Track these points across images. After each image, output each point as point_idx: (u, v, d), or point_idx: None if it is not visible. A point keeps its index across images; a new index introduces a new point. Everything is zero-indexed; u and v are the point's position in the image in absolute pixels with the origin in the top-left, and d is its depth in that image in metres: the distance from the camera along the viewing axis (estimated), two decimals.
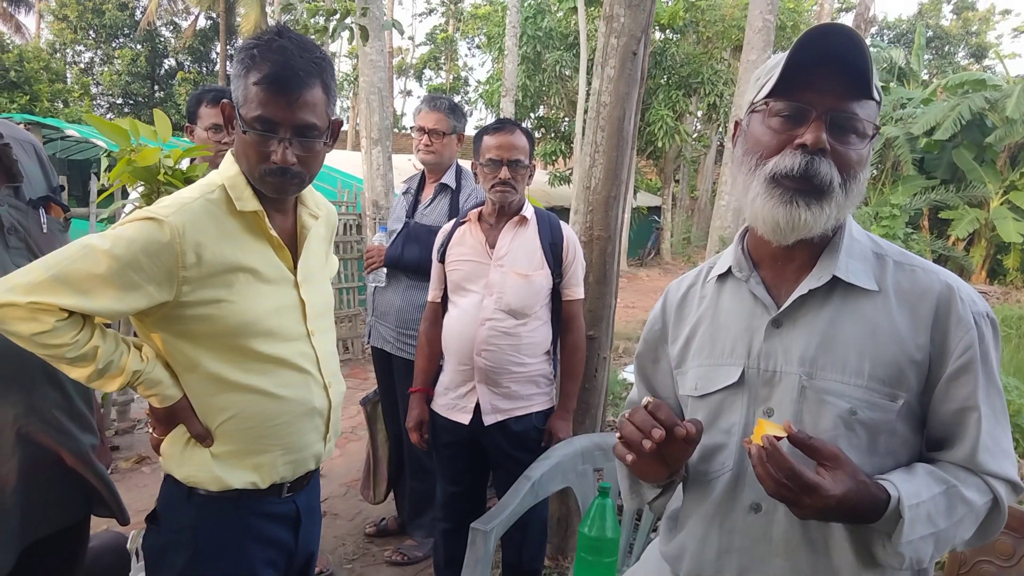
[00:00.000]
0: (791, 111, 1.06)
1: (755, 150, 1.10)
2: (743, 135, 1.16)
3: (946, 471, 1.04)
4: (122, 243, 1.22)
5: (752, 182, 1.10)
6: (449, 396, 2.31)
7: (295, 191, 1.40)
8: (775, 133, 1.08)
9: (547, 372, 2.32)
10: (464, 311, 2.27)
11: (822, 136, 1.03)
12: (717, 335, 1.21)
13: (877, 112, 1.08)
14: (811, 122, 1.04)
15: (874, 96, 1.04)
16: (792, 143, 1.05)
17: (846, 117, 1.05)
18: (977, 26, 32.72)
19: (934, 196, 15.65)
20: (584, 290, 2.37)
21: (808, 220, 1.05)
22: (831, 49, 1.02)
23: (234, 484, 1.37)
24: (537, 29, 14.70)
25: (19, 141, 1.50)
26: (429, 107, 2.81)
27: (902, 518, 0.96)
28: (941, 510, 1.00)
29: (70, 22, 25.81)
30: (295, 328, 1.42)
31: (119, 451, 4.08)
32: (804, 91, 1.05)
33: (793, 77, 1.05)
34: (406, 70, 36.89)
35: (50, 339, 1.19)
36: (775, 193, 1.06)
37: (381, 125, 6.31)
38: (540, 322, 2.26)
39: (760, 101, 1.10)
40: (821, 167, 1.04)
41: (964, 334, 1.05)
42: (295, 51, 1.29)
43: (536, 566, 2.38)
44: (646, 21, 2.62)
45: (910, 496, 0.97)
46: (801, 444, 0.97)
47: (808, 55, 1.03)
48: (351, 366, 6.46)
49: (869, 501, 0.97)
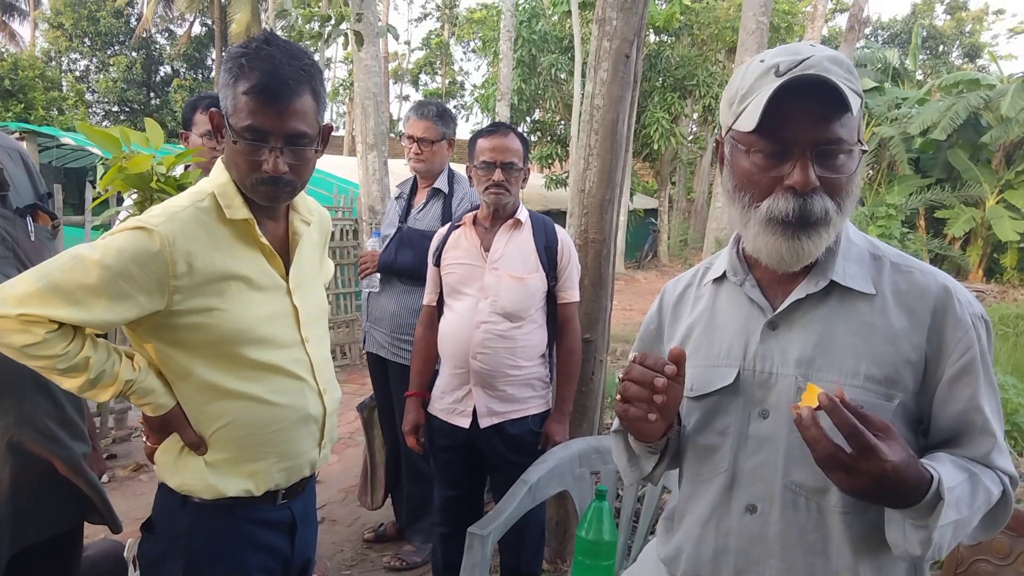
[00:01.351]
0: (773, 151, 1.05)
1: (744, 187, 1.09)
2: (728, 165, 1.14)
3: (964, 461, 1.04)
4: (112, 253, 1.21)
5: (749, 220, 1.09)
6: (446, 400, 2.31)
7: (287, 199, 1.39)
8: (761, 171, 1.06)
9: (543, 375, 2.32)
10: (459, 314, 2.27)
11: (810, 176, 1.02)
12: (713, 337, 1.21)
13: (860, 113, 1.06)
14: (796, 160, 1.03)
15: (852, 110, 1.01)
16: (781, 183, 1.04)
17: (831, 148, 1.03)
18: (971, 26, 32.84)
19: (930, 196, 15.69)
20: (580, 293, 2.38)
21: (811, 249, 1.06)
22: (806, 75, 1.00)
23: (229, 492, 1.36)
24: (532, 33, 14.74)
25: (5, 149, 1.49)
26: (417, 115, 2.81)
27: (942, 500, 0.94)
28: (966, 497, 0.99)
29: (65, 30, 25.84)
30: (289, 335, 1.41)
31: (117, 459, 4.07)
32: (784, 126, 1.02)
33: (774, 112, 1.02)
34: (402, 75, 36.92)
35: (41, 351, 1.18)
36: (776, 230, 1.06)
37: (377, 130, 6.31)
38: (535, 325, 2.27)
39: (740, 133, 1.08)
40: (815, 206, 1.03)
41: (963, 335, 1.05)
42: (283, 59, 1.28)
43: (534, 570, 2.37)
44: (638, 24, 2.62)
45: (948, 479, 0.96)
46: (853, 411, 0.93)
47: (784, 87, 1.01)
48: (349, 371, 6.45)
49: (916, 477, 0.94)
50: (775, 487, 1.09)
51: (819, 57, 1.02)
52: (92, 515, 1.58)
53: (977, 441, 1.05)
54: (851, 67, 1.06)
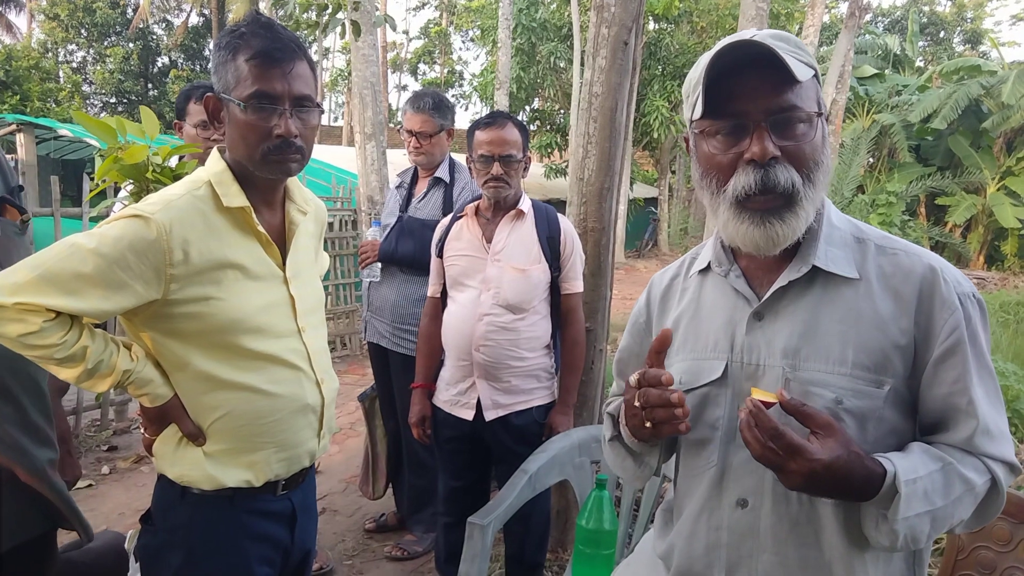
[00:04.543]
0: (728, 128, 1.05)
1: (709, 172, 1.09)
2: (694, 156, 1.14)
3: (942, 451, 1.03)
4: (108, 241, 1.20)
5: (719, 207, 1.09)
6: (451, 392, 2.30)
7: (296, 169, 1.38)
8: (721, 152, 1.07)
9: (547, 366, 2.31)
10: (462, 306, 2.26)
11: (767, 146, 1.01)
12: (700, 329, 1.20)
13: (817, 83, 1.06)
14: (751, 134, 1.03)
15: (801, 79, 1.00)
16: (742, 159, 1.04)
17: (785, 116, 1.03)
18: (972, 12, 32.66)
19: (931, 183, 15.67)
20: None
21: (786, 232, 1.05)
22: (743, 53, 1.01)
23: (228, 483, 1.35)
24: (531, 21, 14.67)
25: None
26: (413, 109, 2.79)
27: (899, 493, 0.95)
28: (938, 488, 0.98)
29: (61, 21, 25.68)
30: (285, 324, 1.41)
31: (117, 451, 4.08)
32: (733, 102, 1.03)
33: (718, 92, 1.03)
34: (400, 64, 36.77)
35: (38, 340, 1.18)
36: (745, 217, 1.05)
37: (375, 120, 6.29)
38: (539, 316, 2.25)
39: (695, 122, 1.09)
40: (778, 176, 1.02)
41: (949, 315, 1.03)
42: (279, 27, 1.32)
43: (539, 559, 2.38)
44: (637, 10, 2.60)
45: (906, 472, 0.96)
46: (794, 411, 0.97)
47: (723, 66, 1.02)
48: (349, 362, 6.45)
49: (862, 473, 0.96)
50: (766, 481, 1.08)
51: (762, 35, 1.03)
52: (63, 522, 1.54)
53: (961, 425, 1.03)
54: (799, 43, 1.07)
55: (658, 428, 1.06)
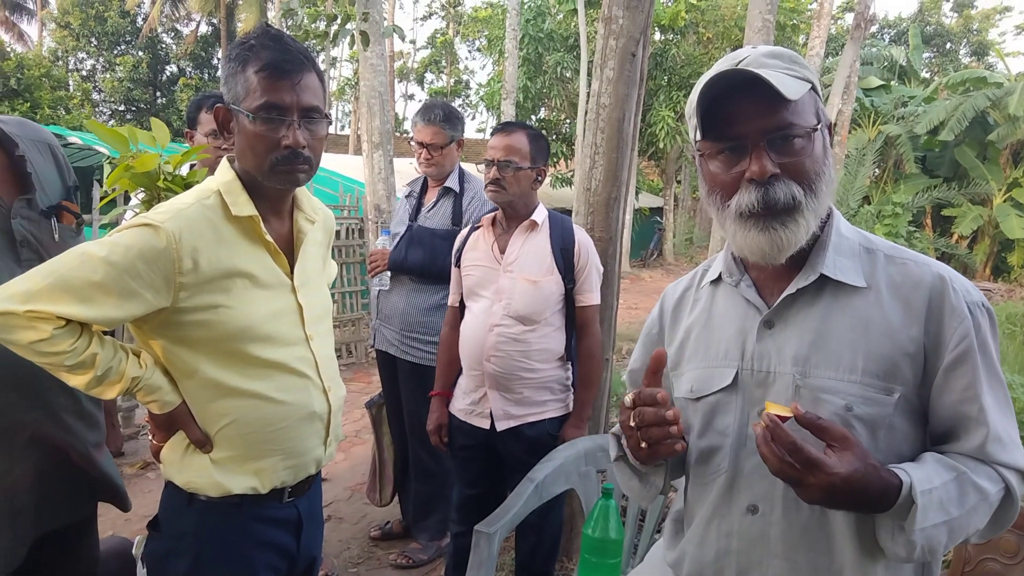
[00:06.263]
0: (727, 149, 1.08)
1: (714, 190, 1.12)
2: (700, 175, 1.18)
3: (955, 460, 1.03)
4: (119, 250, 1.22)
5: (725, 221, 1.12)
6: (466, 400, 2.30)
7: (304, 179, 1.39)
8: (724, 171, 1.10)
9: (562, 378, 2.27)
10: (475, 316, 2.26)
11: (766, 165, 1.04)
12: (711, 338, 1.21)
13: (815, 95, 1.09)
14: (750, 153, 1.05)
15: (792, 97, 1.01)
16: (743, 178, 1.07)
17: (782, 134, 1.05)
18: (979, 24, 32.67)
19: (937, 194, 15.63)
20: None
21: (790, 238, 1.06)
22: (733, 77, 1.04)
23: (234, 489, 1.36)
24: (538, 31, 14.71)
25: (35, 142, 1.51)
26: (424, 121, 2.79)
27: (915, 504, 0.94)
28: (953, 497, 0.98)
29: (72, 29, 25.92)
30: (293, 332, 1.41)
31: (124, 457, 4.08)
32: (730, 125, 1.06)
33: (715, 115, 1.07)
34: (407, 74, 36.94)
35: (48, 347, 1.19)
36: (749, 224, 1.08)
37: (382, 129, 6.32)
38: (552, 328, 2.23)
39: (697, 144, 1.12)
40: (778, 193, 1.05)
41: (959, 324, 1.04)
42: (288, 40, 1.33)
43: (548, 568, 2.35)
44: (644, 22, 2.62)
45: (922, 482, 0.96)
46: (809, 424, 0.97)
47: (716, 91, 1.05)
48: (355, 370, 6.46)
49: (879, 486, 0.96)
50: (776, 487, 1.08)
51: (755, 55, 1.07)
52: (103, 493, 1.65)
53: (972, 433, 1.03)
54: (794, 57, 1.09)
55: (654, 448, 1.07)
